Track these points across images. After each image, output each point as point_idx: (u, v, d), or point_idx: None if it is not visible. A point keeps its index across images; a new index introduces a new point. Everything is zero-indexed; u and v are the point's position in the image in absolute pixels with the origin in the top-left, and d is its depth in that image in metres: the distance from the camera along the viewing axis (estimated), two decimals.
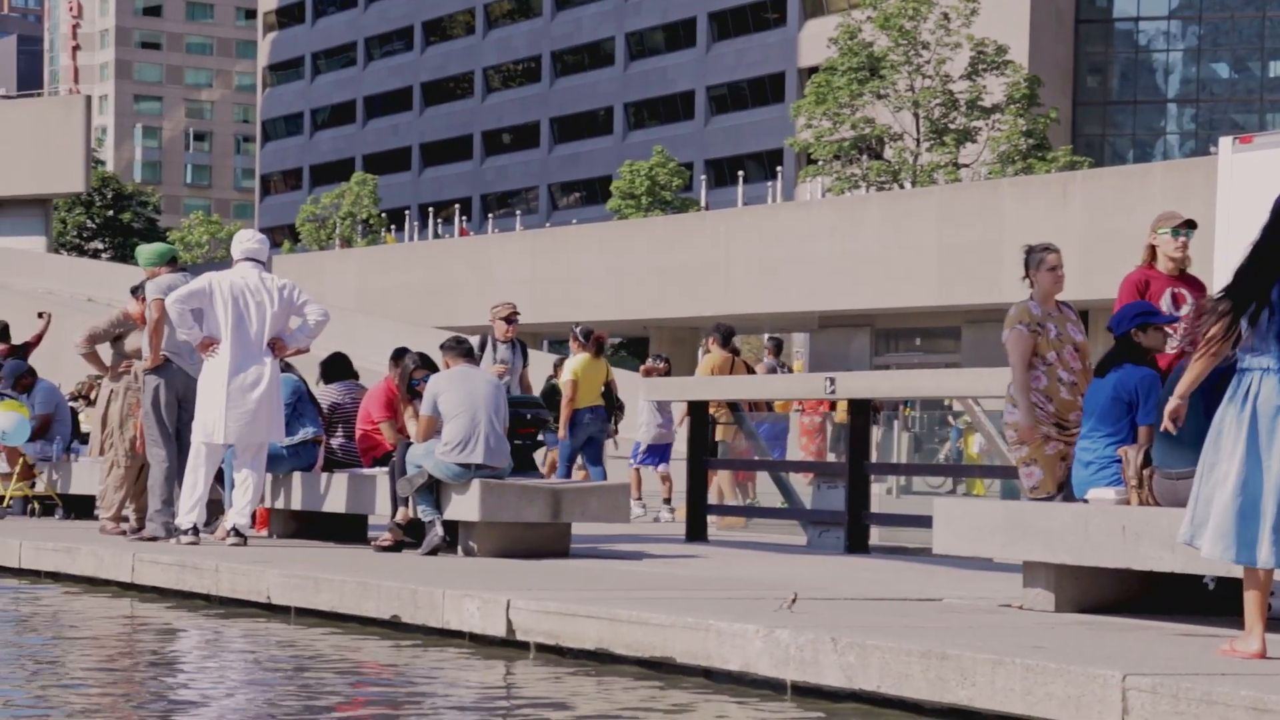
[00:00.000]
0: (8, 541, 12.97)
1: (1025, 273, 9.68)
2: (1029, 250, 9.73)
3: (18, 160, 71.66)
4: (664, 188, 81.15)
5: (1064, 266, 9.69)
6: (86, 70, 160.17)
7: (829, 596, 8.84)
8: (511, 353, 15.92)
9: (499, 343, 15.90)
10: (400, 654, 8.56)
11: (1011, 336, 9.46)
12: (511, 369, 15.73)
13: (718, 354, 17.10)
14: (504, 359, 15.75)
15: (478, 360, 15.21)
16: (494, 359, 15.66)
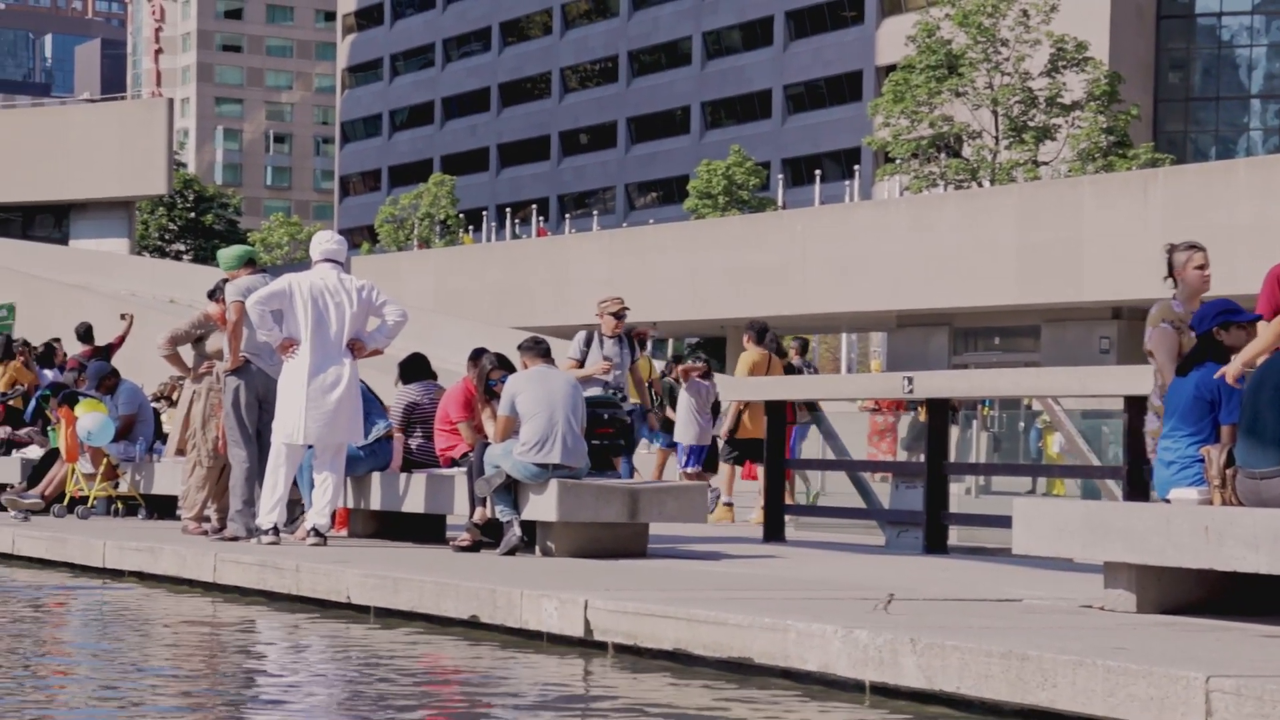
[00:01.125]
0: (92, 541, 13.10)
1: (1169, 272, 9.50)
2: (1172, 249, 9.55)
3: (102, 163, 72.40)
4: (741, 187, 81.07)
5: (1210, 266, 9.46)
6: (169, 73, 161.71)
7: (908, 597, 8.80)
8: (619, 348, 15.67)
9: (606, 338, 15.67)
10: (478, 654, 8.59)
11: (1155, 335, 9.29)
12: (620, 364, 15.50)
13: (754, 351, 17.04)
14: (610, 355, 15.51)
15: (584, 356, 15.24)
16: (600, 355, 15.46)
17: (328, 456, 12.53)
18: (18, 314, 30.08)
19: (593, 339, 15.59)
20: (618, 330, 15.72)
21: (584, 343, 15.59)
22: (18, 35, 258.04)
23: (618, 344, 15.70)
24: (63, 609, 11.08)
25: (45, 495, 16.47)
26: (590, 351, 15.44)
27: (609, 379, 15.29)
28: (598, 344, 15.58)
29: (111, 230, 74.73)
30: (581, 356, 15.49)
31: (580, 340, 15.65)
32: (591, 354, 15.43)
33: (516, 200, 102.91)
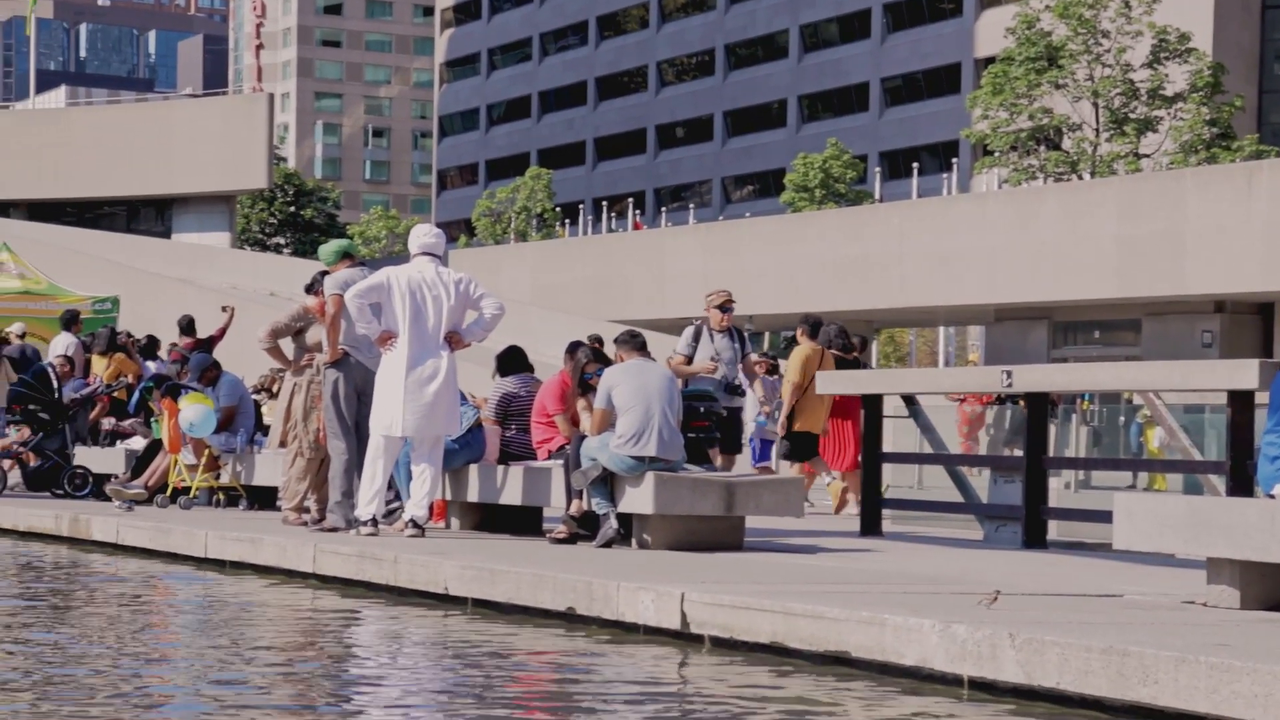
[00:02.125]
0: (195, 532, 13.25)
1: None
2: None
3: (204, 158, 73.18)
4: (838, 180, 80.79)
5: None
6: (269, 68, 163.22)
7: (1006, 592, 8.73)
8: (729, 341, 15.38)
9: (715, 332, 15.35)
10: (575, 646, 8.61)
11: None
12: (730, 358, 15.22)
13: (808, 346, 16.89)
14: (720, 349, 15.22)
15: (692, 351, 15.10)
16: (711, 350, 15.19)
17: (425, 449, 12.60)
18: (121, 306, 30.41)
19: (701, 334, 15.29)
20: (725, 324, 15.36)
21: (692, 338, 15.28)
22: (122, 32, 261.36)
23: (727, 338, 15.38)
24: (166, 598, 11.21)
25: (149, 486, 16.67)
26: (699, 347, 15.18)
27: (718, 377, 15.01)
28: (707, 339, 15.28)
29: (213, 224, 75.52)
30: (690, 352, 15.21)
31: (688, 335, 15.35)
32: (700, 349, 15.16)
33: (613, 194, 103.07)
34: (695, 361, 15.16)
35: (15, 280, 29.59)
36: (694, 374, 14.95)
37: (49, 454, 18.20)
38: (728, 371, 15.10)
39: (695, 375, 14.96)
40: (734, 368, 15.24)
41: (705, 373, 15.01)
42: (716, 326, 15.33)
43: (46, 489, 18.06)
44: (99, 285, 36.43)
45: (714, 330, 15.31)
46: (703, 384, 14.85)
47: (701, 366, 15.05)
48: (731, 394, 15.00)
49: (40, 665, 7.78)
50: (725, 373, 15.08)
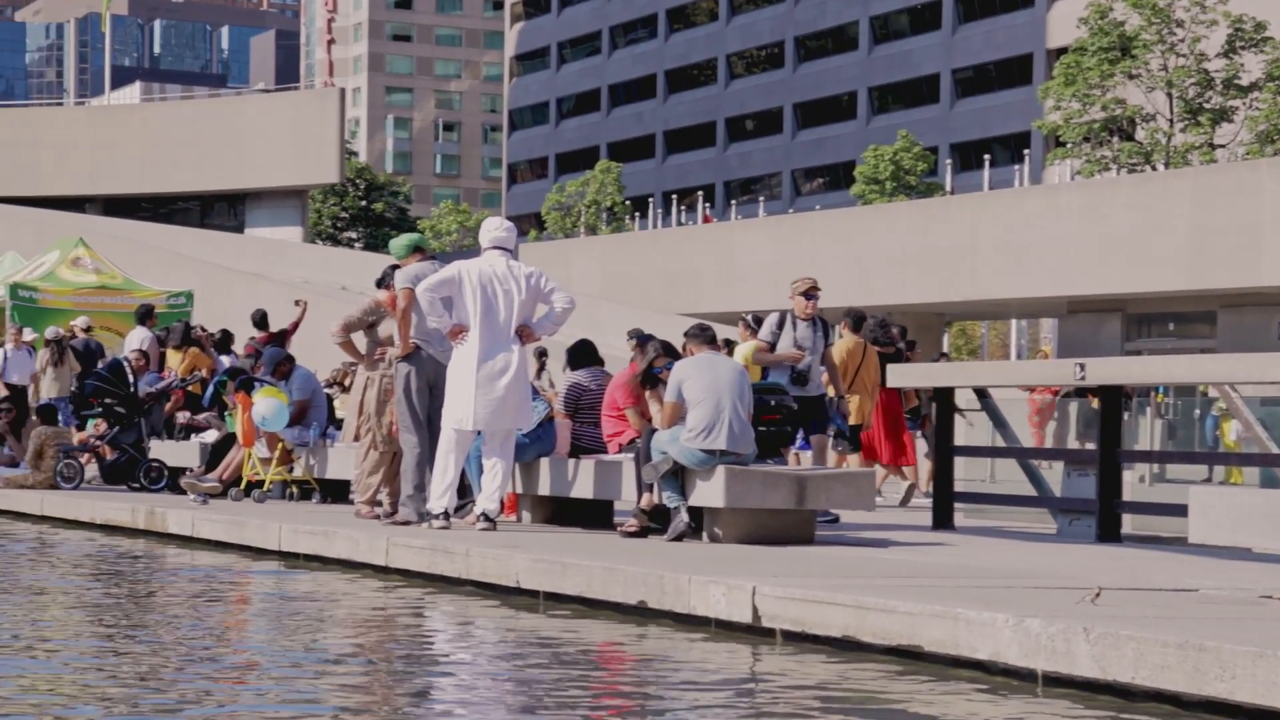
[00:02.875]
0: (268, 525, 13.33)
1: None
2: None
3: (276, 153, 73.64)
4: (908, 172, 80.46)
5: None
6: (341, 63, 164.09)
7: (1080, 585, 8.68)
8: (812, 331, 14.91)
9: (799, 320, 14.91)
10: (646, 639, 8.62)
11: None
12: (813, 348, 14.84)
13: (850, 339, 16.75)
14: (803, 338, 14.82)
15: (775, 339, 14.86)
16: (793, 338, 14.83)
17: (496, 442, 12.62)
18: (195, 301, 30.66)
19: (785, 322, 14.90)
20: (810, 312, 14.92)
21: (776, 325, 14.90)
22: (196, 27, 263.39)
23: (811, 327, 14.93)
24: (240, 591, 11.29)
25: (223, 479, 16.80)
26: (782, 335, 14.82)
27: (802, 366, 14.73)
28: (790, 327, 14.89)
29: (285, 218, 75.98)
30: (773, 340, 14.84)
31: (772, 323, 14.97)
32: (784, 338, 14.80)
33: (682, 187, 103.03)
34: (778, 349, 14.81)
35: (92, 275, 29.87)
36: (776, 362, 14.63)
37: (125, 448, 18.36)
38: (810, 362, 14.71)
39: (778, 363, 14.67)
40: (815, 357, 14.84)
41: (790, 361, 14.67)
42: (800, 314, 14.92)
43: (123, 482, 18.23)
44: (173, 280, 36.74)
45: (798, 319, 14.94)
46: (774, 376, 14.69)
47: (787, 354, 14.70)
48: (796, 384, 14.62)
49: (118, 658, 7.86)
50: (808, 363, 14.68)
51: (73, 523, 16.12)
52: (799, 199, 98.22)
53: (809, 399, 14.71)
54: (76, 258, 30.18)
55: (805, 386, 14.71)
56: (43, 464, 17.97)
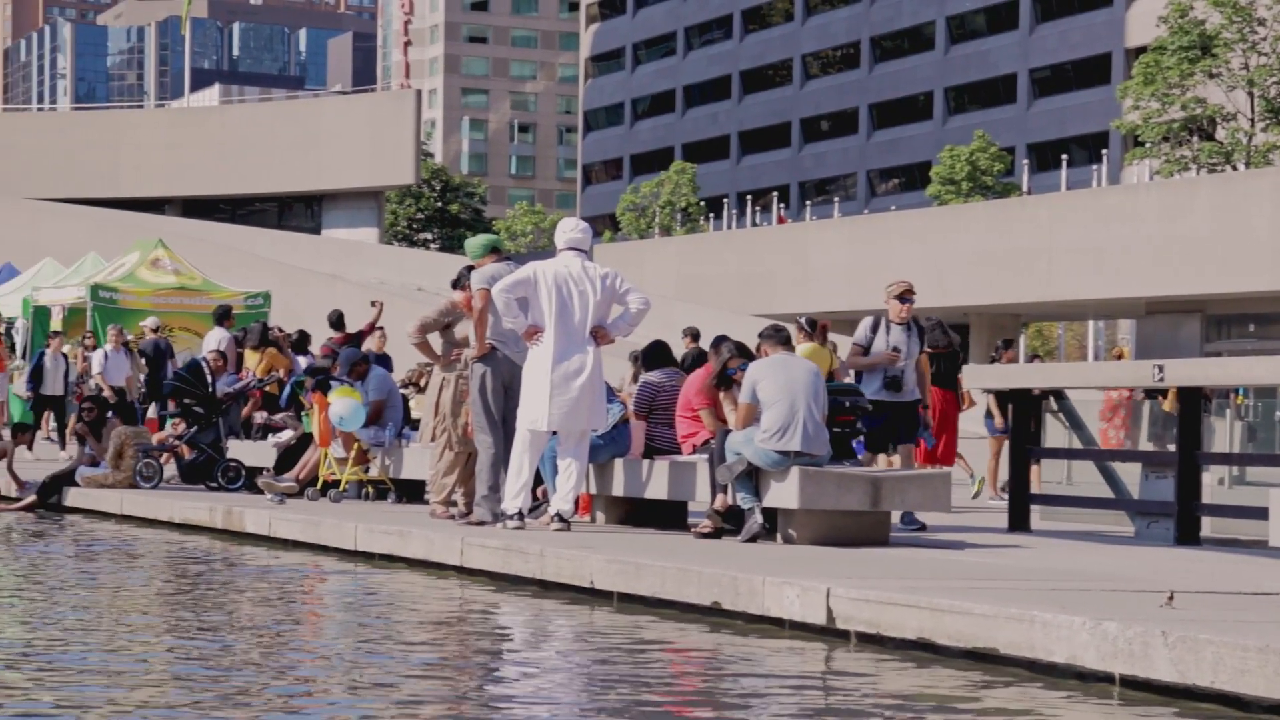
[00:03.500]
0: (344, 524, 13.40)
1: None
2: None
3: (353, 154, 74.08)
4: (985, 173, 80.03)
5: None
6: (417, 65, 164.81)
7: (1157, 589, 8.61)
8: (907, 335, 14.55)
9: (893, 324, 14.54)
10: (720, 640, 8.61)
11: None
12: (907, 352, 14.48)
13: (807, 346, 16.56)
14: (898, 342, 14.47)
15: (869, 343, 14.61)
16: (887, 341, 14.46)
17: (571, 443, 12.64)
18: (273, 301, 30.89)
19: (879, 325, 14.59)
20: (905, 316, 14.52)
21: (869, 329, 14.60)
22: (274, 30, 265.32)
23: (906, 331, 14.55)
24: (317, 590, 11.36)
25: (299, 479, 16.89)
26: (876, 339, 14.51)
27: (896, 370, 14.36)
28: (884, 331, 14.56)
29: (362, 219, 76.44)
30: (866, 344, 14.55)
31: (866, 326, 14.67)
32: (878, 340, 14.50)
33: (757, 187, 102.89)
34: (872, 353, 14.49)
35: (171, 276, 30.15)
36: (869, 366, 14.37)
37: (203, 447, 18.50)
38: (904, 366, 14.38)
39: (872, 367, 14.38)
40: (910, 362, 14.49)
41: (884, 363, 14.36)
42: (895, 318, 14.55)
43: (200, 482, 18.37)
44: (251, 281, 37.03)
45: (893, 322, 14.61)
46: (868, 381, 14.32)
47: (880, 357, 14.38)
48: (889, 389, 14.32)
49: (198, 654, 7.93)
50: (901, 367, 14.35)
51: (152, 522, 16.27)
52: (874, 200, 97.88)
53: (902, 405, 14.39)
54: (156, 259, 30.47)
55: (900, 392, 14.36)
56: (122, 463, 18.13)
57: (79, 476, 18.22)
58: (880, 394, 14.26)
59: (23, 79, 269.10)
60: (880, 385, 14.33)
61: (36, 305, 31.39)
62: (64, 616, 9.28)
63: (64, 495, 18.04)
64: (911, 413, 14.57)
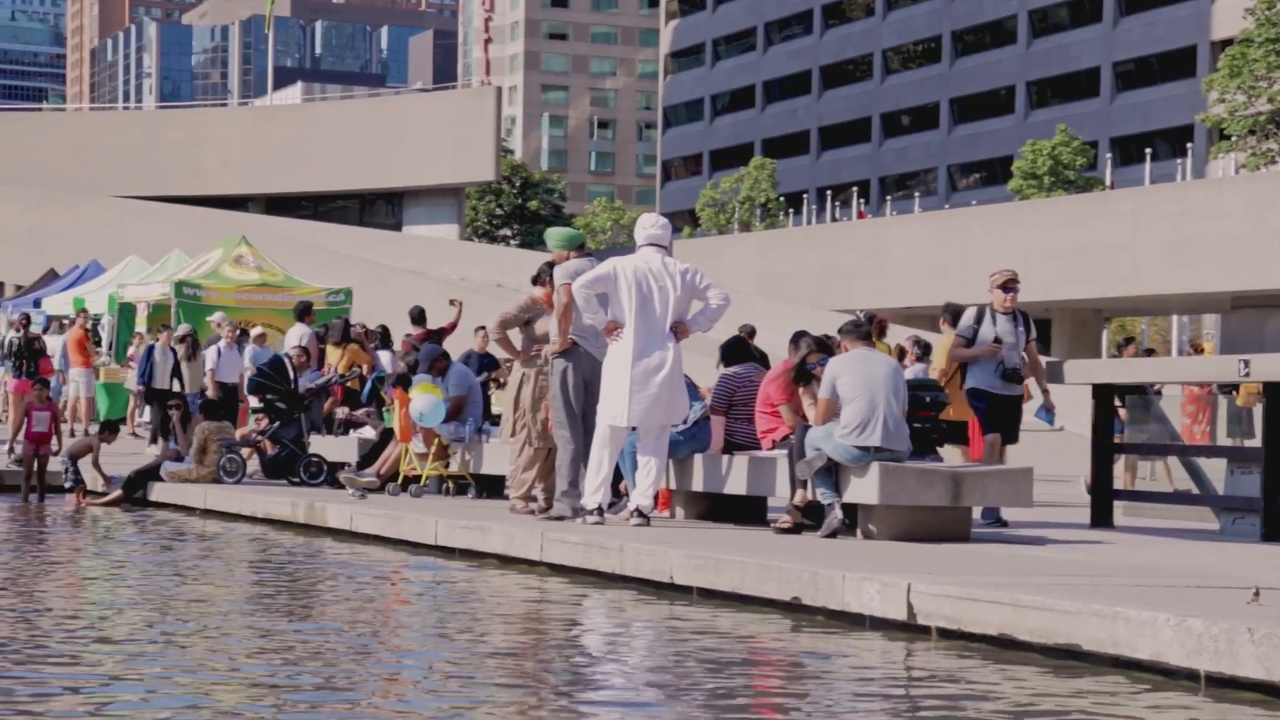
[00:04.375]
0: (425, 519, 13.46)
1: None
2: None
3: (434, 151, 74.36)
4: (1067, 167, 79.44)
5: None
6: (497, 62, 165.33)
7: (1243, 585, 8.51)
8: (1013, 325, 14.13)
9: (998, 314, 14.18)
10: (800, 636, 8.59)
11: None
12: (1014, 343, 14.09)
13: (950, 334, 16.33)
14: (1004, 332, 14.12)
15: (973, 334, 14.37)
16: (993, 332, 14.11)
17: (651, 438, 12.64)
18: (354, 297, 31.06)
19: (983, 316, 14.24)
20: (1009, 305, 14.16)
21: (974, 320, 14.25)
22: (356, 28, 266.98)
23: (1011, 321, 14.17)
24: (398, 585, 11.42)
25: (380, 474, 16.99)
26: (980, 329, 14.17)
27: (1011, 363, 14.01)
28: (989, 321, 14.20)
29: (442, 216, 76.74)
30: (970, 335, 14.21)
31: (970, 317, 14.32)
32: (982, 331, 14.15)
33: (837, 183, 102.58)
34: (976, 344, 14.15)
35: (254, 273, 30.39)
36: (973, 357, 14.08)
37: (285, 442, 18.63)
38: (1009, 357, 14.06)
39: (975, 358, 14.10)
40: (1015, 353, 14.13)
41: (987, 354, 14.05)
42: (1000, 308, 14.19)
43: (283, 476, 18.50)
44: (332, 277, 37.25)
45: (997, 312, 14.20)
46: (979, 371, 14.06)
47: (984, 349, 14.07)
48: (1009, 381, 13.99)
49: (283, 648, 7.99)
50: (1007, 358, 14.05)
51: (235, 516, 16.40)
52: (955, 195, 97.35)
53: (1012, 399, 14.10)
54: (239, 256, 30.72)
55: (1017, 384, 14.04)
56: (206, 458, 18.30)
57: (164, 471, 18.40)
58: (993, 385, 13.97)
59: (109, 78, 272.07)
60: (993, 375, 14.00)
61: (122, 302, 31.73)
62: (150, 610, 9.37)
63: (149, 490, 18.22)
64: (1016, 406, 14.27)
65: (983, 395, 14.05)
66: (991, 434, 14.18)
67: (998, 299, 14.26)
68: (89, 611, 9.40)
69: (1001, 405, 14.11)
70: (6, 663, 7.36)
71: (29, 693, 6.66)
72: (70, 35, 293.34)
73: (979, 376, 14.10)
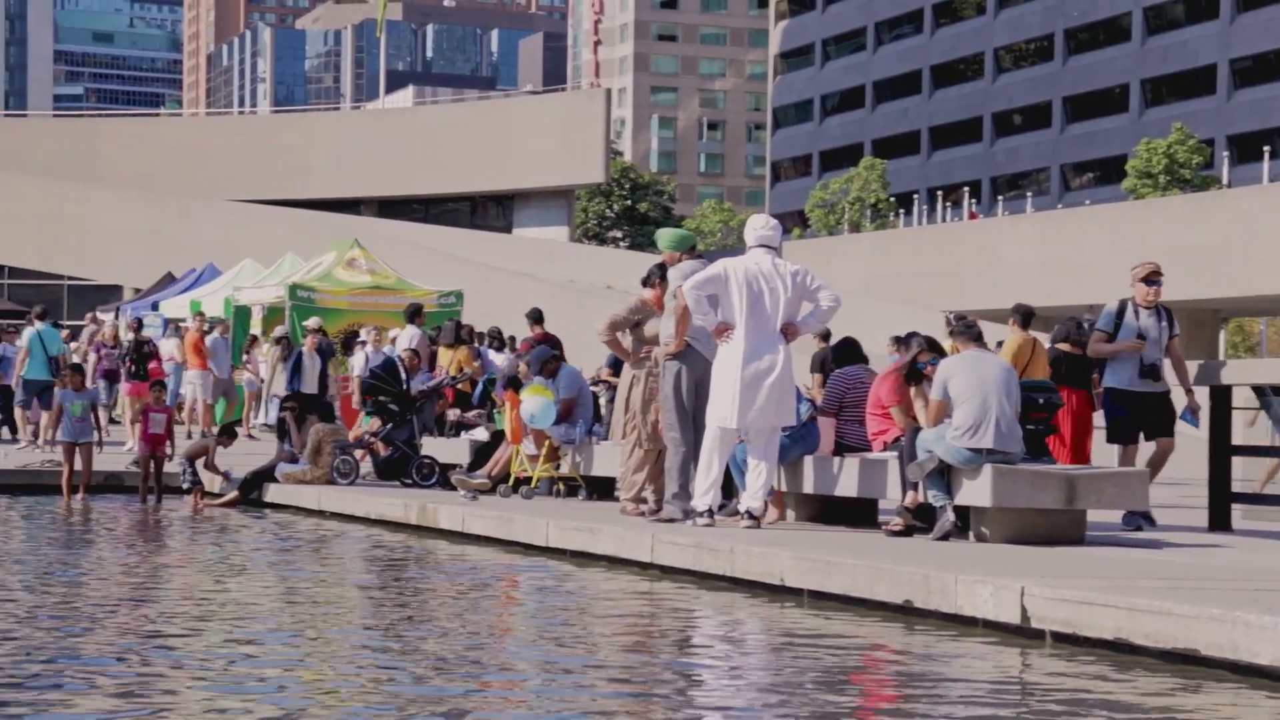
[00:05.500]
0: (536, 521, 13.51)
1: None
2: None
3: (543, 153, 74.63)
4: (1183, 165, 78.48)
5: None
6: (607, 64, 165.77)
7: None
8: (1156, 320, 13.71)
9: (1140, 309, 13.70)
10: (912, 639, 8.54)
11: None
12: (1156, 339, 13.67)
13: (1019, 336, 16.07)
14: (1147, 327, 13.68)
15: (1114, 327, 13.72)
16: (1135, 328, 13.65)
17: (761, 440, 12.61)
18: (465, 300, 31.25)
19: (1124, 310, 13.79)
20: (1152, 299, 13.64)
21: (1114, 314, 13.81)
22: (466, 31, 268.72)
23: (1154, 316, 13.69)
24: (509, 586, 11.47)
25: (491, 475, 17.06)
26: (1121, 324, 13.75)
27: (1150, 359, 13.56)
28: (1131, 315, 13.74)
29: (552, 218, 76.98)
30: (1110, 330, 13.77)
31: (1110, 311, 13.90)
32: (1124, 327, 13.74)
33: (947, 183, 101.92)
34: (1118, 340, 13.73)
35: (366, 275, 30.65)
36: (1114, 353, 13.67)
37: (398, 444, 18.77)
38: (1149, 353, 13.64)
39: (1116, 354, 13.67)
40: (1158, 348, 13.69)
41: (1130, 351, 13.63)
42: (1142, 302, 13.68)
43: (395, 478, 18.63)
44: (443, 279, 37.49)
45: (1139, 307, 13.69)
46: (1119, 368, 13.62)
47: (1128, 345, 13.64)
48: (1147, 379, 13.55)
49: (391, 651, 8.05)
50: (1147, 354, 13.62)
51: (348, 517, 16.54)
52: (1068, 194, 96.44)
53: (1154, 396, 13.65)
54: (352, 259, 31.00)
55: (1158, 381, 13.59)
56: (320, 460, 18.47)
57: (278, 473, 18.59)
58: (1134, 384, 13.55)
59: (224, 83, 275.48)
60: (1134, 374, 13.58)
61: (237, 305, 32.10)
62: (266, 610, 9.47)
63: (264, 491, 18.42)
64: (1165, 403, 13.77)
65: (1121, 398, 13.58)
66: (1122, 444, 13.72)
67: (1141, 293, 13.76)
68: (209, 611, 9.52)
69: (1145, 404, 13.61)
70: (134, 660, 7.47)
71: (160, 689, 6.76)
72: (187, 41, 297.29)
73: (1118, 376, 13.63)
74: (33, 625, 8.60)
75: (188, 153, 74.23)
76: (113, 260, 57.06)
